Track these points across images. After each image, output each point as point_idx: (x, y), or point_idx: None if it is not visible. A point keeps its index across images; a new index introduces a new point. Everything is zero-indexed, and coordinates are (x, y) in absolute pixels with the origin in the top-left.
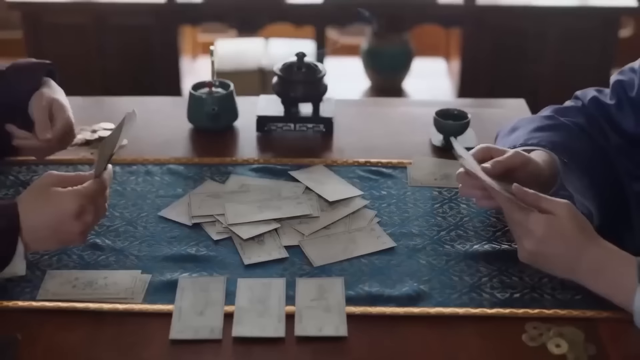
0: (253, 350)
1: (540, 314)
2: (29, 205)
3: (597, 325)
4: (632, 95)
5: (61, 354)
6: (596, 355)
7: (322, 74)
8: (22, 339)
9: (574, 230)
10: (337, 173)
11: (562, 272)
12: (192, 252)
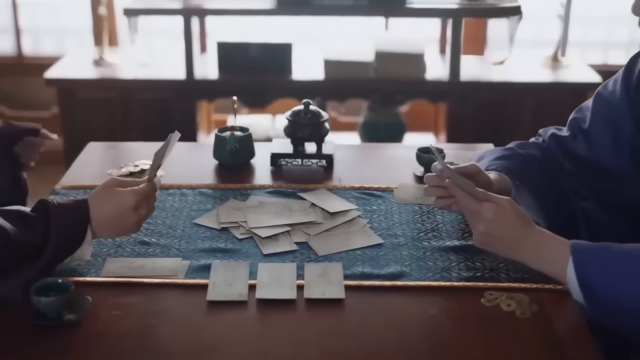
0: (271, 309)
1: (495, 285)
2: (96, 201)
3: (541, 293)
4: (585, 128)
5: (123, 312)
6: (538, 311)
7: (324, 119)
8: (92, 301)
9: (516, 218)
10: (336, 194)
11: (508, 253)
12: (221, 246)
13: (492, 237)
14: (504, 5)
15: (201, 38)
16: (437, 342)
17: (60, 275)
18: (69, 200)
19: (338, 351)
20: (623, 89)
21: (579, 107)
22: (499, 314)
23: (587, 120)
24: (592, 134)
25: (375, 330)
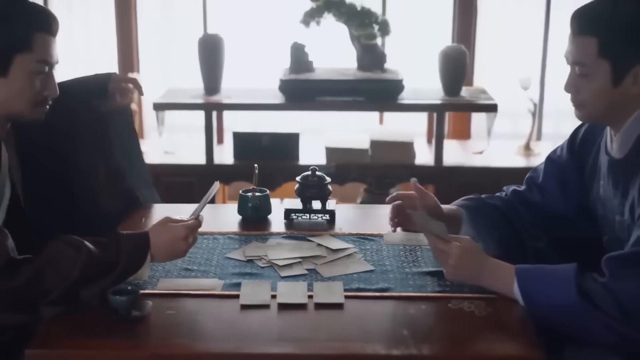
0: (288, 310)
1: (459, 295)
2: (155, 233)
3: (495, 300)
4: (539, 182)
5: (176, 311)
6: (492, 311)
7: (327, 182)
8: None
9: (476, 253)
10: (337, 238)
11: (472, 281)
12: (247, 271)
13: (460, 269)
14: (482, 102)
15: (219, 129)
16: (415, 331)
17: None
18: (135, 232)
19: (339, 337)
20: (568, 153)
21: (533, 168)
22: (462, 314)
23: (540, 177)
24: (545, 187)
25: (367, 323)
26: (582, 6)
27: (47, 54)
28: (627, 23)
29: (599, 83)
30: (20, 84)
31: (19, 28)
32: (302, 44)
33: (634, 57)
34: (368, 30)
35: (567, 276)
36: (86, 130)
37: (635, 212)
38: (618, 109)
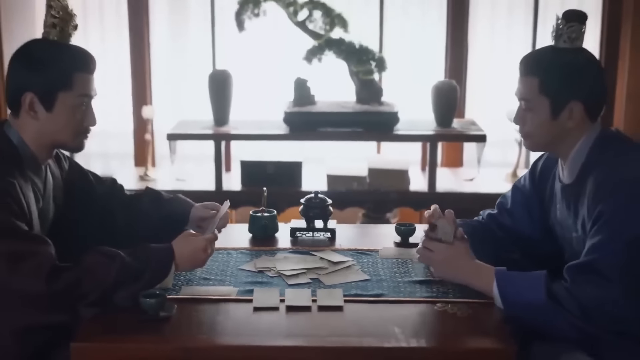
0: (295, 311)
1: (444, 299)
2: (178, 245)
3: (475, 304)
4: (508, 208)
5: (198, 313)
6: (472, 313)
7: (328, 203)
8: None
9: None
10: (337, 253)
11: (457, 278)
12: (259, 280)
13: (446, 265)
14: (472, 133)
15: (227, 157)
16: (404, 328)
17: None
18: (161, 245)
19: (339, 334)
20: (530, 183)
21: (503, 195)
22: (446, 315)
23: (509, 203)
24: (513, 212)
25: (363, 322)
26: (528, 52)
27: (86, 90)
28: (562, 67)
29: (541, 116)
30: (64, 118)
31: (61, 70)
32: (305, 79)
33: (568, 95)
34: (366, 66)
35: (538, 280)
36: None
37: (586, 228)
38: (559, 140)
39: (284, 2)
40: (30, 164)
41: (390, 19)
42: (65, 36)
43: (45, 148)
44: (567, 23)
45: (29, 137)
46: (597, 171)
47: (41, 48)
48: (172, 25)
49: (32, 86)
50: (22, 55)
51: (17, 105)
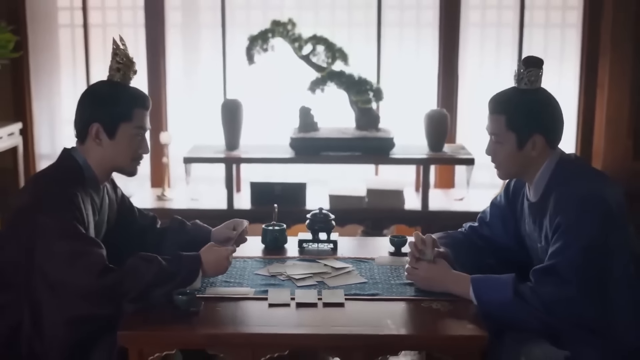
0: (304, 307)
1: (429, 298)
2: (205, 254)
3: (456, 302)
4: (487, 221)
5: (222, 309)
6: (452, 309)
7: (331, 218)
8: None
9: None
10: (339, 260)
11: (441, 288)
12: (272, 283)
13: (429, 281)
14: (461, 157)
15: (237, 179)
16: (395, 320)
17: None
18: (191, 253)
19: (340, 324)
20: (505, 200)
21: (483, 210)
22: (431, 310)
23: (487, 217)
24: (491, 225)
25: (361, 315)
26: (495, 94)
27: (142, 123)
28: (524, 105)
29: (508, 148)
30: (123, 145)
31: (124, 105)
32: (309, 108)
33: (531, 129)
34: (364, 96)
35: (507, 282)
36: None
37: (549, 238)
38: (526, 167)
39: (289, 38)
40: (91, 183)
41: (387, 52)
42: (126, 78)
43: (105, 171)
44: (527, 68)
45: (93, 160)
46: (557, 190)
47: (107, 87)
48: (186, 58)
49: (98, 118)
50: (91, 93)
51: (84, 133)
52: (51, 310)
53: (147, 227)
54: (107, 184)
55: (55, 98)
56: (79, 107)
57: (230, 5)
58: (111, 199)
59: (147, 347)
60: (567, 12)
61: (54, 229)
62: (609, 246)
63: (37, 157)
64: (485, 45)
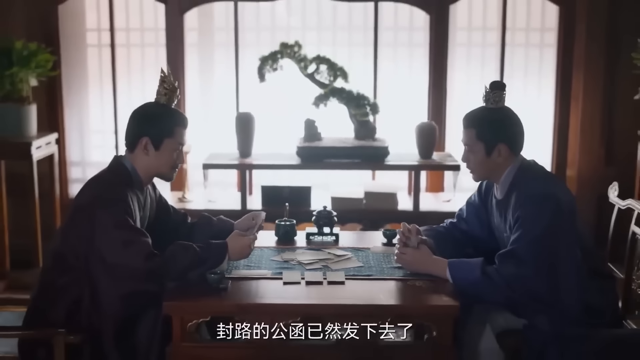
0: (312, 285)
1: (413, 278)
2: (230, 241)
3: (434, 281)
4: (464, 217)
5: (244, 286)
6: (431, 285)
7: (334, 215)
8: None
9: (425, 254)
10: (340, 249)
11: (424, 270)
12: (285, 266)
13: (413, 264)
14: (448, 163)
15: (249, 183)
16: (386, 294)
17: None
18: (219, 241)
19: (341, 297)
20: (478, 199)
21: (460, 208)
22: (414, 286)
23: (464, 214)
24: (467, 220)
25: (358, 291)
26: (467, 112)
27: (182, 139)
28: (490, 121)
29: (479, 156)
30: (166, 156)
31: (169, 124)
32: (313, 120)
33: (496, 140)
34: (362, 110)
35: (476, 264)
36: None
37: (511, 228)
38: (493, 170)
39: (296, 59)
40: (137, 185)
41: (383, 70)
42: (171, 101)
43: (149, 175)
44: (492, 91)
45: (140, 167)
46: (518, 189)
47: (156, 108)
48: (202, 75)
49: (148, 133)
50: (143, 111)
51: (134, 144)
52: (107, 288)
53: (179, 222)
54: (149, 186)
55: (84, 111)
56: (132, 122)
57: (241, 26)
58: (152, 199)
59: (187, 315)
60: (545, 33)
61: (110, 222)
62: (558, 234)
63: (68, 164)
64: (471, 63)
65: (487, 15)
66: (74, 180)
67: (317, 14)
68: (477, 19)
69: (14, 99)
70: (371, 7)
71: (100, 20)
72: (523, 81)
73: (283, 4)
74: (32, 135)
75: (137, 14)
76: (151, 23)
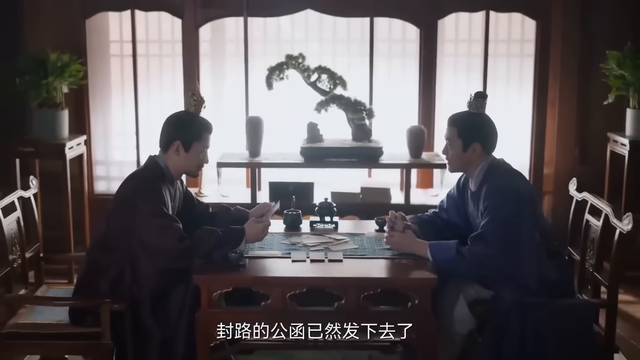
0: (316, 263)
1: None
2: (247, 227)
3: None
4: (444, 207)
5: (260, 263)
6: (414, 261)
7: (334, 206)
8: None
9: (410, 237)
10: (339, 235)
11: (409, 250)
12: (293, 248)
13: (399, 245)
14: (435, 162)
15: (258, 180)
16: (378, 269)
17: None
18: (238, 227)
19: (340, 272)
20: (456, 191)
21: (441, 200)
22: (400, 264)
23: (445, 204)
24: (448, 210)
25: (354, 268)
26: (453, 113)
27: (207, 143)
28: (470, 123)
29: (457, 150)
30: (194, 157)
31: (197, 129)
32: (315, 123)
33: (472, 138)
34: (359, 114)
35: (452, 245)
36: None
37: (482, 215)
38: (467, 164)
39: (300, 69)
40: (169, 180)
41: (378, 79)
42: (198, 110)
43: (178, 173)
44: (476, 99)
45: (171, 165)
46: (487, 183)
47: (186, 116)
48: (214, 82)
49: (179, 137)
50: (176, 118)
51: (168, 146)
52: (145, 265)
53: (203, 212)
54: (178, 182)
55: (108, 115)
56: (166, 127)
57: (250, 39)
58: (180, 192)
59: (213, 286)
60: (525, 44)
61: (148, 211)
62: (519, 221)
63: (93, 163)
64: (458, 72)
65: (472, 28)
66: (99, 178)
67: (318, 28)
68: (463, 32)
69: (49, 105)
70: (367, 21)
71: (123, 33)
72: (505, 88)
73: (288, 19)
74: (65, 137)
75: (156, 28)
76: (169, 35)
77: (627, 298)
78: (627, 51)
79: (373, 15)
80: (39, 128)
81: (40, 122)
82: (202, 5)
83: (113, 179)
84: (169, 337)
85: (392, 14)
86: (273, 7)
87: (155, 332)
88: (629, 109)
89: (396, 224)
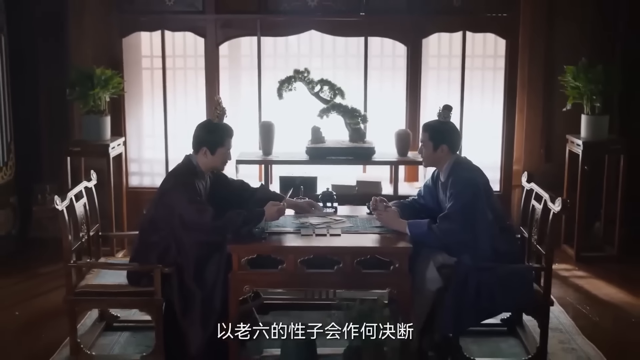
0: (320, 237)
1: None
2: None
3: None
4: (422, 195)
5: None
6: (397, 236)
7: (334, 193)
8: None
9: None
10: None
11: (393, 226)
12: (302, 226)
13: (386, 221)
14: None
15: (270, 175)
16: (370, 241)
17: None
18: (259, 209)
19: (339, 243)
20: (431, 182)
21: (419, 189)
22: (385, 237)
23: (422, 193)
24: (424, 197)
25: (350, 239)
26: (427, 121)
27: (229, 146)
28: (439, 130)
29: (429, 150)
30: (218, 158)
31: (221, 136)
32: (318, 127)
33: (440, 142)
34: (355, 120)
35: (425, 223)
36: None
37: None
38: (438, 161)
39: (305, 81)
40: (200, 175)
41: (371, 88)
42: (221, 120)
43: (207, 169)
44: (443, 110)
45: (201, 164)
46: (453, 176)
47: (211, 124)
48: (231, 92)
49: (206, 143)
50: (202, 127)
51: (198, 149)
52: (187, 239)
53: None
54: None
55: (140, 119)
56: (196, 133)
57: (262, 54)
58: (208, 184)
59: (242, 253)
60: (497, 59)
61: (186, 198)
62: (476, 204)
63: (128, 160)
64: (440, 83)
65: (452, 45)
66: (132, 173)
67: (320, 46)
68: (444, 48)
69: (95, 112)
70: (362, 40)
71: (153, 49)
72: (480, 97)
73: (295, 38)
74: (108, 139)
75: (181, 45)
76: (192, 51)
77: (581, 274)
78: (581, 66)
79: (367, 35)
80: (87, 131)
81: (88, 126)
82: (222, 26)
83: (145, 174)
84: (207, 295)
85: (384, 34)
86: (282, 28)
87: (197, 291)
88: (583, 115)
89: (377, 205)
